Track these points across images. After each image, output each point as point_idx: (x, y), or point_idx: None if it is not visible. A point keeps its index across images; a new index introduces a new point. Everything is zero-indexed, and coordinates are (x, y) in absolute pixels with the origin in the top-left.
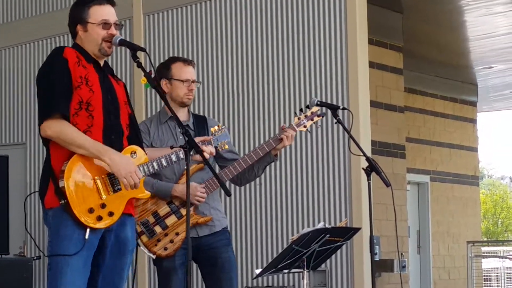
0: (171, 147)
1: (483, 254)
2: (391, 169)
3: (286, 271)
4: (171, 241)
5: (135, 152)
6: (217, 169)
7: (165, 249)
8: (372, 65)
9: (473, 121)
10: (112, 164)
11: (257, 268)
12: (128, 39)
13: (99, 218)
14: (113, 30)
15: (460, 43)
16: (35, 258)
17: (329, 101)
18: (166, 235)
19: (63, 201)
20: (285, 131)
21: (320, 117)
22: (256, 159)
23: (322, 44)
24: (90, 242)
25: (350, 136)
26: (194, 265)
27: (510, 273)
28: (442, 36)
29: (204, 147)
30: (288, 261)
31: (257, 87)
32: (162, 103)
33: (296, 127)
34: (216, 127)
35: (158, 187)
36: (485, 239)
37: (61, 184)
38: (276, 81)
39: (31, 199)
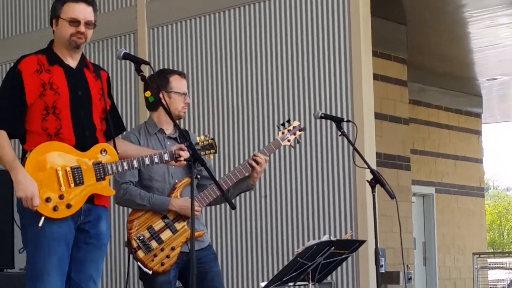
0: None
1: (489, 265)
2: (396, 181)
3: (291, 284)
4: (168, 256)
5: (105, 150)
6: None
7: (162, 264)
8: (376, 77)
9: (478, 132)
10: (15, 183)
11: (262, 281)
12: (132, 53)
13: (55, 209)
14: (81, 28)
15: (464, 55)
16: None
17: (333, 114)
18: (162, 250)
19: None
20: (254, 157)
21: (301, 132)
22: (230, 184)
23: (326, 56)
24: (63, 237)
25: (355, 149)
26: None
27: None
28: (446, 48)
29: (181, 152)
30: (293, 274)
31: (261, 100)
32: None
33: (281, 141)
34: (203, 137)
35: (155, 201)
36: (491, 250)
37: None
38: (281, 94)
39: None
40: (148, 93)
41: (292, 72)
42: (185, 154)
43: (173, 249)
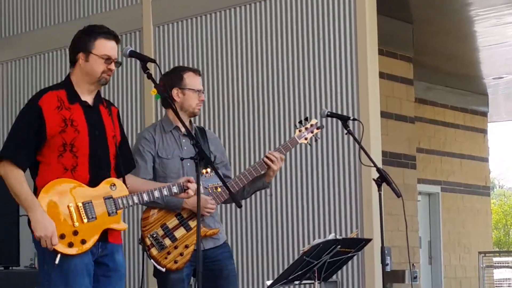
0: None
1: (494, 264)
2: (402, 180)
3: (297, 282)
4: (181, 254)
5: (114, 185)
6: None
7: (175, 262)
8: (382, 75)
9: (483, 131)
10: (32, 222)
11: (268, 279)
12: (138, 50)
13: (70, 245)
14: (113, 66)
15: (470, 53)
16: None
17: (339, 112)
18: (175, 247)
19: None
20: (269, 155)
21: (319, 130)
22: (246, 182)
23: (332, 55)
24: (86, 269)
25: (361, 147)
26: (192, 278)
27: None
28: (452, 47)
29: (189, 185)
30: (299, 273)
31: (267, 97)
32: (165, 112)
33: (297, 140)
34: (208, 170)
35: (169, 199)
36: (497, 249)
37: None
38: (286, 92)
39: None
40: (154, 91)
41: (298, 70)
42: (193, 186)
43: (186, 247)
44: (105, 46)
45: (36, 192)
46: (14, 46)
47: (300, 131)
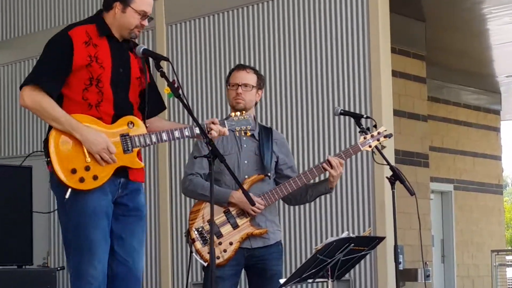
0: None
1: (507, 263)
2: (415, 178)
3: (310, 280)
4: (224, 251)
5: (132, 122)
6: (271, 181)
7: (217, 258)
8: (395, 74)
9: (496, 129)
10: (83, 140)
11: (281, 278)
12: (150, 49)
13: (81, 180)
14: (146, 22)
15: (483, 51)
16: (58, 268)
17: (352, 110)
18: (220, 243)
19: (46, 159)
20: (329, 160)
21: (386, 138)
22: (300, 185)
23: (345, 53)
24: (104, 210)
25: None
26: (243, 275)
27: None
28: (465, 45)
29: (212, 126)
30: (313, 271)
31: (280, 97)
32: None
33: (361, 147)
34: (238, 113)
35: (216, 192)
36: (510, 247)
37: (47, 143)
38: (299, 91)
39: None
40: (167, 89)
41: (311, 68)
42: (216, 128)
43: (231, 244)
44: (146, 3)
45: (50, 128)
46: (24, 46)
47: (365, 138)
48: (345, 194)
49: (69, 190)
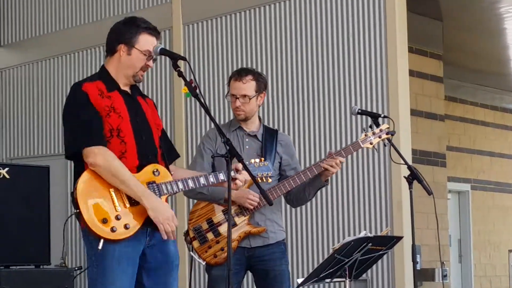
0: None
1: None
2: (432, 178)
3: (328, 280)
4: (222, 249)
5: (157, 170)
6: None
7: (215, 256)
8: (412, 73)
9: None
10: (151, 209)
11: (298, 277)
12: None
13: (113, 230)
14: (151, 63)
15: (500, 51)
16: (76, 268)
17: (369, 110)
18: (217, 242)
19: (75, 211)
20: (329, 158)
21: (389, 136)
22: (299, 183)
23: (362, 53)
24: (131, 257)
25: (392, 144)
26: (250, 275)
27: None
28: (482, 44)
29: (238, 175)
30: (331, 270)
31: (297, 96)
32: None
33: (361, 144)
34: (257, 160)
35: (213, 189)
36: None
37: (75, 194)
38: (316, 90)
39: (69, 217)
40: (185, 89)
41: (328, 68)
42: (241, 177)
43: None
44: (150, 42)
45: (79, 175)
46: (46, 45)
47: (366, 135)
48: (363, 194)
49: (102, 240)
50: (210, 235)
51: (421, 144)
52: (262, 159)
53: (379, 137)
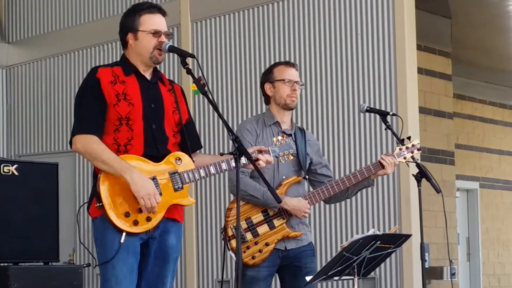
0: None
1: None
2: (440, 176)
3: (336, 278)
4: (260, 251)
5: (179, 159)
6: (306, 183)
7: (253, 257)
8: (420, 71)
9: None
10: (132, 183)
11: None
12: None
13: (136, 223)
14: (163, 38)
15: (509, 48)
16: (85, 265)
17: (377, 107)
18: (256, 243)
19: (98, 204)
20: (385, 158)
21: (420, 151)
22: (354, 183)
23: (371, 50)
24: (132, 248)
25: (400, 142)
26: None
27: None
28: (491, 42)
29: (260, 156)
30: (339, 268)
31: (305, 93)
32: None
33: (396, 157)
34: (279, 137)
35: (269, 195)
36: None
37: (98, 188)
38: (325, 88)
39: (82, 206)
40: (193, 86)
41: (337, 66)
42: (263, 158)
43: (267, 244)
44: (153, 21)
45: (96, 174)
46: (55, 41)
47: (400, 149)
48: (371, 192)
49: (124, 234)
50: (249, 235)
51: (429, 142)
52: (284, 136)
53: (412, 152)
